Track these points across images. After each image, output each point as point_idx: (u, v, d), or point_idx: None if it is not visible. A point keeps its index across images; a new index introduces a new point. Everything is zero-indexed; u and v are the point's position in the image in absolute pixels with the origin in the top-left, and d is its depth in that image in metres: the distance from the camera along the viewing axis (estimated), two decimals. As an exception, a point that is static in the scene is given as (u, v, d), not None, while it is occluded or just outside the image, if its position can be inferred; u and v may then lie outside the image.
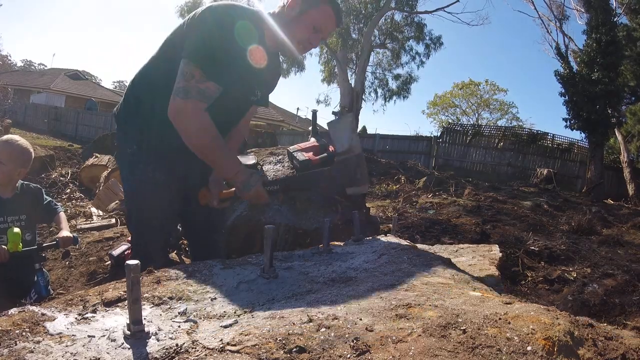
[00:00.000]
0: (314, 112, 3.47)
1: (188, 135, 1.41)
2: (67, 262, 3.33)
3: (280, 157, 3.37)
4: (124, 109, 1.64)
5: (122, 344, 0.73)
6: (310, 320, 0.78)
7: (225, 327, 0.82)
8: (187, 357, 0.68)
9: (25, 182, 2.22)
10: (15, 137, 2.13)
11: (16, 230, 1.93)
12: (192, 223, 1.85)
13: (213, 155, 1.46)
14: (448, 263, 1.33)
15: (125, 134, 1.64)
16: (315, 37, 1.53)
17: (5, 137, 2.13)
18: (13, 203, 2.10)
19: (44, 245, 2.13)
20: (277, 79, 1.84)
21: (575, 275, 3.63)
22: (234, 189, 1.58)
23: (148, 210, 1.62)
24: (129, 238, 3.05)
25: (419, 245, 1.67)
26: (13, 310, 0.81)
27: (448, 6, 14.62)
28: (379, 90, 17.75)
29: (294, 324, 0.77)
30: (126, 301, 0.79)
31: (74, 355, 0.69)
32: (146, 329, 0.76)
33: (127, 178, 1.69)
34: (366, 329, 0.75)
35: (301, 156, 3.01)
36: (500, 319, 0.75)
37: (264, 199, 1.52)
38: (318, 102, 18.90)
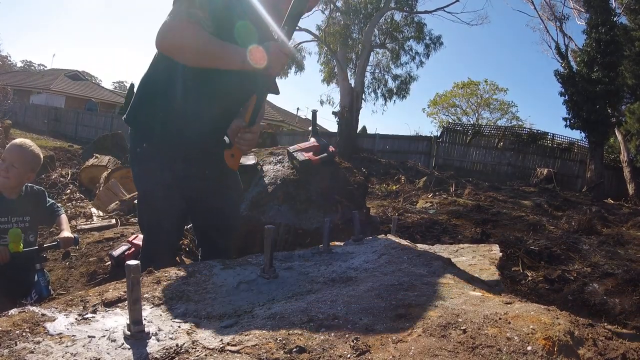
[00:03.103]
0: (314, 112, 3.47)
1: (183, 46, 1.35)
2: (67, 263, 3.33)
3: (280, 157, 3.37)
4: (133, 111, 1.65)
5: (122, 344, 0.73)
6: (310, 320, 0.78)
7: (226, 327, 0.82)
8: (187, 357, 0.68)
9: (29, 184, 2.24)
10: (28, 142, 2.17)
11: (17, 230, 1.94)
12: (203, 226, 1.83)
13: (217, 51, 1.36)
14: (448, 263, 1.33)
15: (136, 134, 1.64)
16: None
17: (19, 141, 2.16)
18: (18, 204, 2.11)
19: (45, 245, 2.14)
20: (254, 29, 1.77)
21: (575, 275, 3.63)
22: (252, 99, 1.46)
23: (156, 209, 1.62)
24: (130, 238, 3.06)
25: (419, 245, 1.67)
26: (13, 311, 0.81)
27: (448, 6, 14.65)
28: (379, 90, 17.77)
29: (294, 324, 0.77)
30: (126, 301, 0.79)
31: (74, 356, 0.69)
32: (146, 329, 0.76)
33: (138, 178, 1.70)
34: (366, 329, 0.75)
35: (301, 156, 3.01)
36: (500, 318, 0.75)
37: (287, 50, 1.37)
38: (322, 102, 18.91)
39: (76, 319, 0.83)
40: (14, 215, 2.09)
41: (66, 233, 2.18)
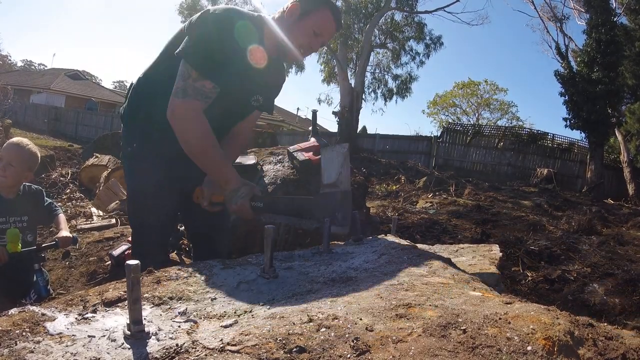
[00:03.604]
0: (314, 112, 3.47)
1: (185, 138, 1.42)
2: (67, 262, 3.33)
3: (280, 157, 3.37)
4: (128, 109, 1.65)
5: (122, 344, 0.73)
6: (311, 320, 0.78)
7: (226, 327, 0.82)
8: (187, 357, 0.68)
9: (27, 184, 2.23)
10: (26, 141, 2.16)
11: (15, 231, 1.93)
12: (195, 225, 1.84)
13: (208, 160, 1.44)
14: (448, 263, 1.33)
15: (128, 133, 1.65)
16: (315, 42, 1.53)
17: (16, 139, 2.16)
18: (16, 204, 2.11)
19: (44, 245, 2.13)
20: (280, 84, 1.83)
21: (575, 275, 3.63)
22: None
23: (147, 208, 1.62)
24: (130, 238, 3.06)
25: (419, 245, 1.66)
26: (13, 311, 0.81)
27: (448, 6, 14.65)
28: (379, 90, 17.77)
29: (294, 324, 0.77)
30: (126, 301, 0.79)
31: (74, 355, 0.69)
32: (146, 329, 0.76)
33: (129, 176, 1.71)
34: (366, 328, 0.75)
35: (301, 156, 3.01)
36: (500, 318, 0.75)
37: (248, 215, 1.46)
38: (320, 101, 18.90)
39: (76, 318, 0.83)
40: (12, 215, 2.08)
41: (64, 232, 2.17)
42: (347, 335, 0.72)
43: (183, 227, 2.87)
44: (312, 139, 3.24)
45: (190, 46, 1.40)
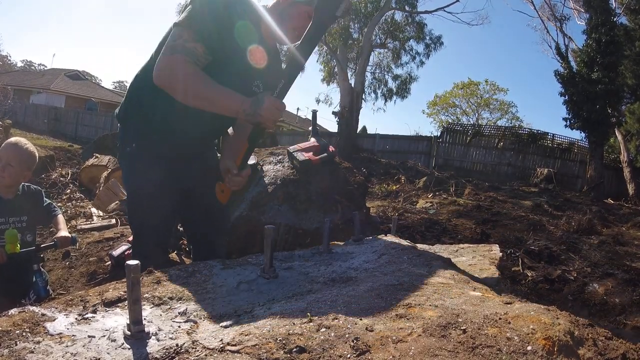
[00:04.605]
0: (314, 112, 3.47)
1: (176, 87, 1.34)
2: (67, 263, 3.33)
3: (280, 157, 3.37)
4: (125, 108, 1.65)
5: (122, 344, 0.73)
6: (311, 320, 0.78)
7: (226, 327, 0.82)
8: (187, 357, 0.68)
9: (26, 184, 2.23)
10: (24, 141, 2.16)
11: (13, 231, 1.93)
12: (193, 225, 1.84)
13: (210, 96, 1.36)
14: (448, 263, 1.33)
15: (125, 133, 1.65)
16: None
17: (14, 139, 2.15)
18: (15, 204, 2.10)
19: (43, 246, 2.13)
20: (278, 73, 1.82)
21: (575, 275, 3.63)
22: (245, 147, 1.49)
23: (146, 209, 1.62)
24: (130, 238, 3.06)
25: (419, 245, 1.67)
26: (13, 311, 0.81)
27: (448, 6, 14.63)
28: (379, 90, 17.75)
29: (294, 324, 0.77)
30: (126, 301, 0.79)
31: (74, 356, 0.69)
32: (146, 329, 0.76)
33: (127, 177, 1.70)
34: (366, 329, 0.75)
35: (301, 156, 3.01)
36: (500, 318, 0.75)
37: (280, 105, 1.36)
38: (318, 101, 18.86)
39: (76, 318, 0.83)
40: (12, 215, 2.08)
41: (63, 233, 2.17)
42: (347, 335, 0.72)
43: (182, 228, 2.87)
44: (312, 139, 3.24)
45: (185, 14, 1.37)
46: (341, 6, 1.38)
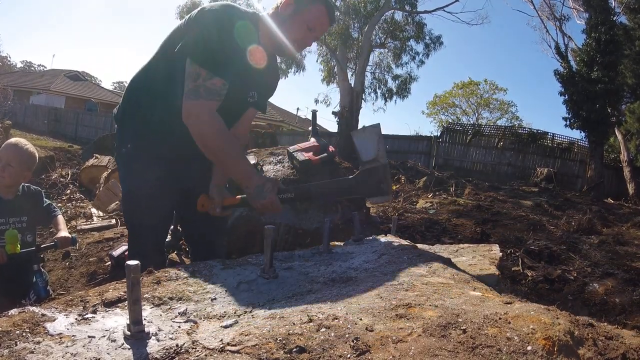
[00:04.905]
0: (314, 112, 3.47)
1: (203, 138, 1.40)
2: (67, 263, 3.33)
3: (280, 157, 3.37)
4: (122, 109, 1.65)
5: (122, 344, 0.73)
6: (311, 320, 0.78)
7: (226, 327, 0.82)
8: (187, 358, 0.68)
9: (26, 184, 2.23)
10: (24, 141, 2.16)
11: (13, 232, 1.93)
12: (192, 225, 1.84)
13: (228, 158, 1.43)
14: (448, 263, 1.33)
15: (123, 134, 1.65)
16: (309, 36, 1.55)
17: (14, 140, 2.16)
18: (15, 204, 2.11)
19: (43, 246, 2.13)
20: (275, 82, 1.83)
21: (575, 274, 3.63)
22: (239, 196, 1.52)
23: (144, 209, 1.62)
24: (129, 238, 3.06)
25: (419, 245, 1.66)
26: (13, 311, 0.81)
27: (447, 5, 14.63)
28: (379, 90, 17.72)
29: (294, 324, 0.77)
30: (126, 302, 0.79)
31: (74, 356, 0.69)
32: (146, 330, 0.76)
33: (123, 177, 1.70)
34: (366, 329, 0.75)
35: (301, 156, 3.01)
36: (500, 318, 0.75)
37: (278, 208, 1.43)
38: (317, 101, 18.82)
39: (76, 319, 0.83)
40: (12, 215, 2.08)
41: (63, 233, 2.17)
42: (347, 335, 0.72)
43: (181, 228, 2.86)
44: (312, 139, 3.24)
45: (193, 45, 1.39)
46: (377, 198, 1.48)
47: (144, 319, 0.78)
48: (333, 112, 15.58)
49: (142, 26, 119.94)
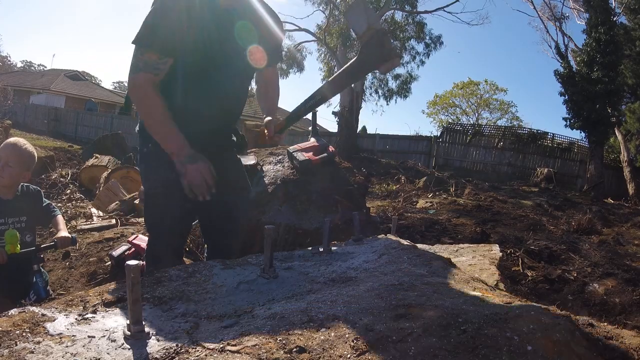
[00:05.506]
0: (314, 112, 3.46)
1: (137, 104, 1.53)
2: (67, 263, 3.33)
3: (280, 157, 3.37)
4: None
5: (123, 344, 0.73)
6: (310, 320, 0.78)
7: (226, 327, 0.82)
8: (187, 357, 0.68)
9: (25, 184, 2.23)
10: (22, 141, 2.16)
11: (13, 232, 1.93)
12: (211, 224, 1.83)
13: (154, 124, 1.51)
14: (448, 263, 1.33)
15: (142, 134, 1.65)
16: None
17: (13, 140, 2.15)
18: (14, 205, 2.10)
19: (42, 246, 2.13)
20: (267, 23, 1.71)
21: (575, 274, 3.63)
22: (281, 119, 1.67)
23: (160, 208, 1.63)
24: (130, 238, 3.06)
25: (419, 245, 1.66)
26: (13, 311, 0.81)
27: (448, 5, 14.65)
28: (379, 90, 17.71)
29: (294, 324, 0.77)
30: (126, 301, 0.79)
31: (74, 356, 0.69)
32: (146, 330, 0.76)
33: (145, 177, 1.72)
34: (366, 329, 0.74)
35: (301, 156, 3.00)
36: (500, 318, 0.75)
37: (208, 177, 1.48)
38: (317, 101, 18.78)
39: (76, 319, 0.83)
40: (11, 215, 2.08)
41: (63, 233, 2.17)
42: (347, 335, 0.72)
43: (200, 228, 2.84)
44: (312, 139, 3.23)
45: (139, 31, 1.46)
46: (386, 64, 1.42)
47: (144, 319, 0.78)
48: (333, 112, 15.60)
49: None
